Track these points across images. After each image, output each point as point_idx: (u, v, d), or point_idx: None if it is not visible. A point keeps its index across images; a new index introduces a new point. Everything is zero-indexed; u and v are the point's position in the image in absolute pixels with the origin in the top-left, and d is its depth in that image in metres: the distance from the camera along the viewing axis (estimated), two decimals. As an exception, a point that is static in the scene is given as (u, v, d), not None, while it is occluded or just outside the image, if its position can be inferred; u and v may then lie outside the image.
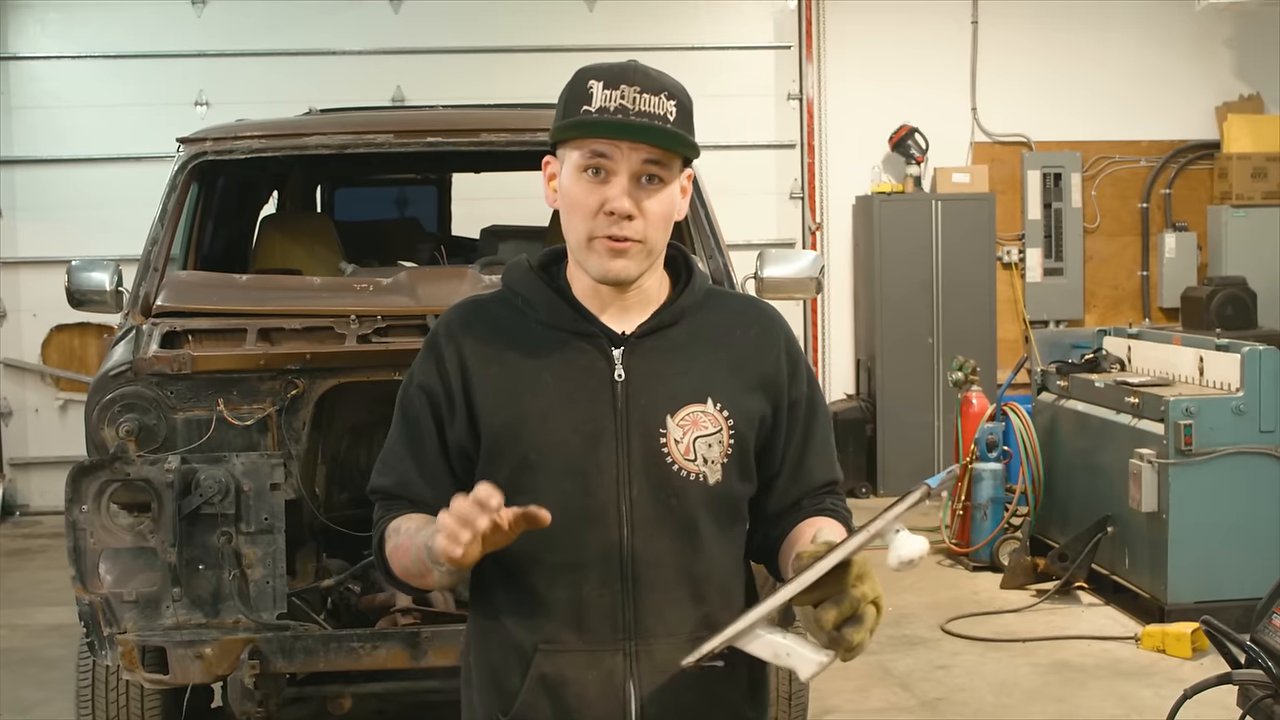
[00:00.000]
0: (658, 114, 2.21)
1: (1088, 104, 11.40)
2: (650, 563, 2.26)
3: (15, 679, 6.69)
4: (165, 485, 4.25)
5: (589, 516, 2.25)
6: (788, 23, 11.27)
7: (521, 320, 2.34)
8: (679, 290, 2.38)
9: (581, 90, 2.23)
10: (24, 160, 10.79)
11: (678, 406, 2.29)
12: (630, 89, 2.21)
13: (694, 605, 2.30)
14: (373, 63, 10.83)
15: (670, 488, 2.28)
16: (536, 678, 2.26)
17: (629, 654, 2.26)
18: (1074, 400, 8.08)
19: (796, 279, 5.50)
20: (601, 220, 2.23)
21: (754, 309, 2.47)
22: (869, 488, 10.77)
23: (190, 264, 5.61)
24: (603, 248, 2.24)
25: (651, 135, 2.20)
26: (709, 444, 2.29)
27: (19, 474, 10.89)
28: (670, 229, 2.30)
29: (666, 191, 2.25)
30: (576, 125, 2.22)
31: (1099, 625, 7.13)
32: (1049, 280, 11.52)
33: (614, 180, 2.22)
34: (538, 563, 2.27)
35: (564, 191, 2.28)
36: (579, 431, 2.25)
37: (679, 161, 2.27)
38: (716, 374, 2.33)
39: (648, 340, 2.32)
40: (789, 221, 11.32)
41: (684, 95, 2.27)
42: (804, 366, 2.44)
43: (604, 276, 2.27)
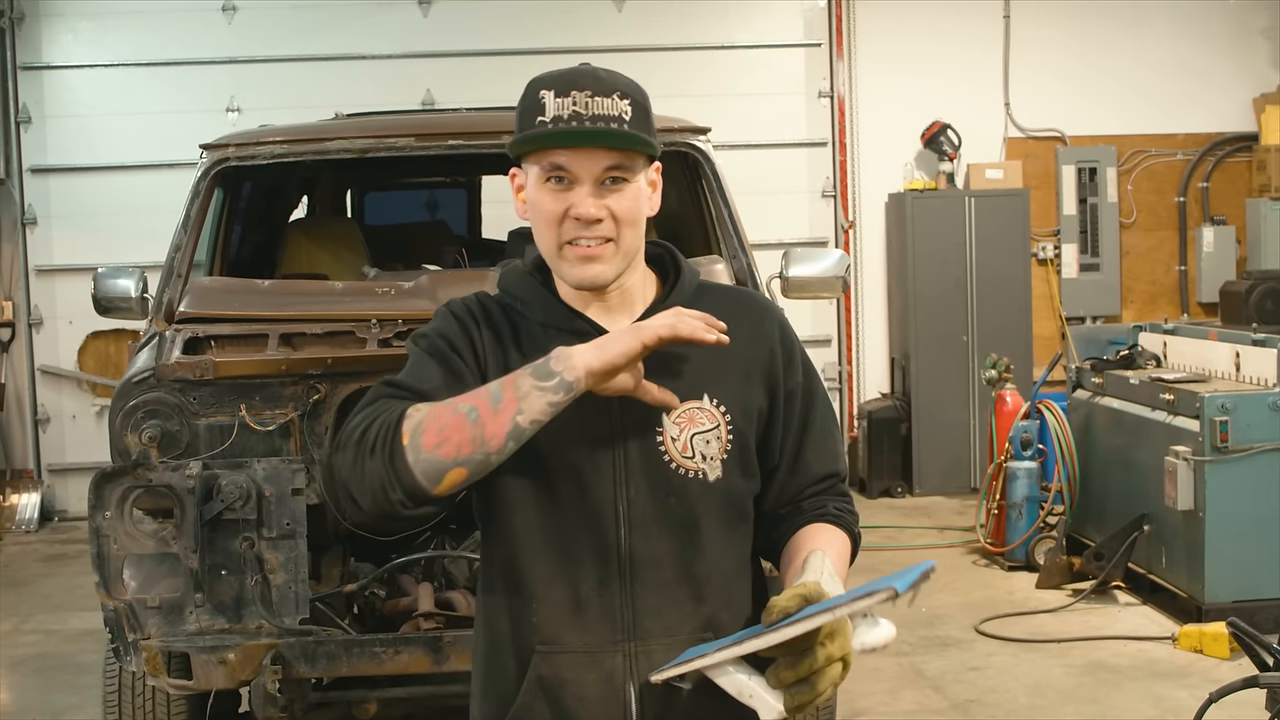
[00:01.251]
0: (612, 116, 2.19)
1: (1122, 97, 11.31)
2: (649, 563, 2.24)
3: (48, 684, 6.73)
4: (187, 491, 4.24)
5: (586, 516, 2.24)
6: (818, 20, 11.22)
7: (521, 321, 2.33)
8: (669, 289, 2.36)
9: (534, 101, 2.21)
10: (58, 168, 10.88)
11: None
12: (582, 94, 2.18)
13: (695, 605, 2.27)
14: (403, 66, 10.85)
15: (669, 486, 2.25)
16: (534, 679, 2.25)
17: (629, 655, 2.24)
18: (1109, 397, 7.99)
19: (822, 278, 5.46)
20: (569, 226, 2.21)
21: (746, 301, 2.44)
22: (904, 487, 10.71)
23: (216, 269, 5.62)
24: (574, 255, 2.23)
25: (607, 139, 2.19)
26: (707, 440, 2.27)
27: (56, 480, 10.97)
28: (642, 226, 2.28)
29: (631, 189, 2.23)
30: (533, 138, 2.21)
31: (1135, 625, 7.05)
32: (1085, 276, 11.42)
33: (577, 187, 2.20)
34: (537, 562, 2.25)
35: (530, 203, 2.27)
36: (574, 432, 2.22)
37: (642, 159, 2.26)
38: (711, 369, 2.30)
39: None
40: (821, 220, 11.27)
41: (638, 93, 2.24)
42: (799, 356, 2.41)
43: (580, 283, 2.26)
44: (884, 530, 9.51)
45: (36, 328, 10.98)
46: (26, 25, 10.87)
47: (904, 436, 10.77)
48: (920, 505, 10.36)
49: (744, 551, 2.36)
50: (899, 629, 6.06)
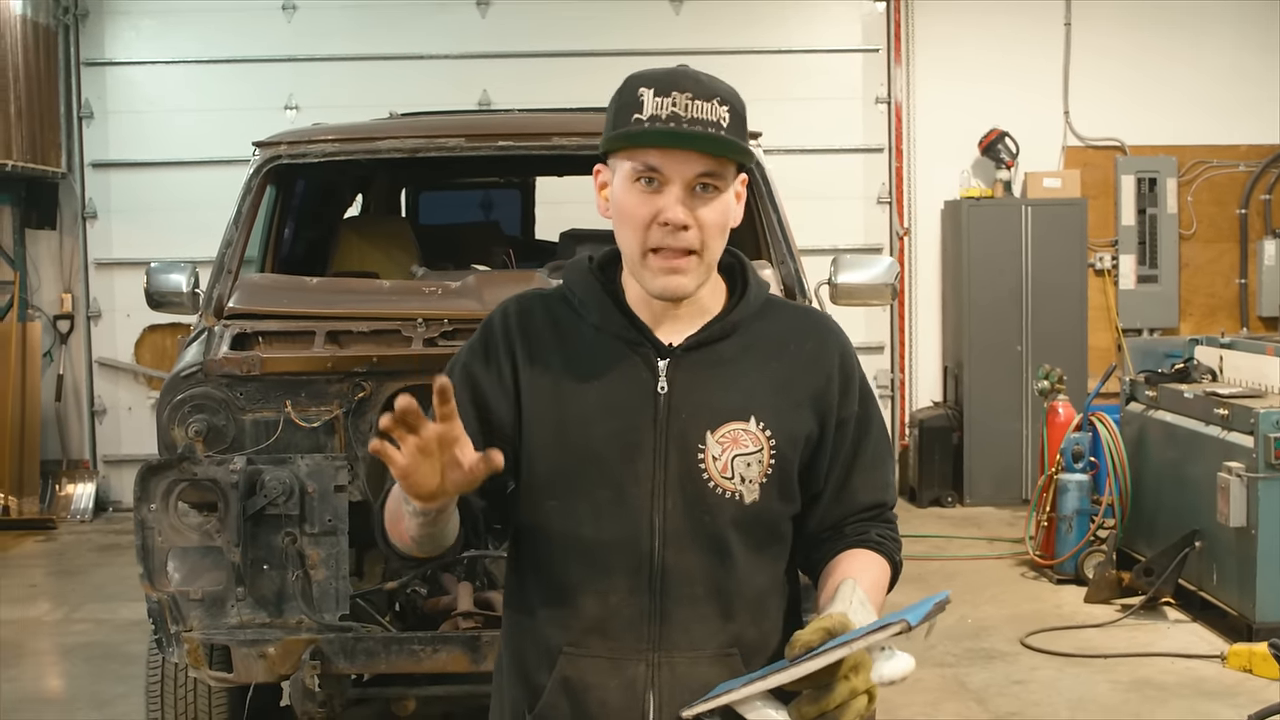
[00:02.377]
0: (710, 120, 2.14)
1: (1183, 107, 11.19)
2: (680, 577, 2.23)
3: (95, 673, 6.81)
4: (231, 485, 4.28)
5: (622, 526, 2.23)
6: (876, 25, 11.17)
7: (575, 321, 2.31)
8: (734, 301, 2.31)
9: (632, 98, 2.17)
10: (118, 163, 11.01)
11: (719, 423, 2.24)
12: (682, 96, 2.15)
13: (723, 622, 2.25)
14: (460, 66, 10.89)
15: (704, 504, 2.23)
16: (560, 679, 2.25)
17: (651, 664, 2.23)
18: (1162, 411, 7.91)
19: (871, 285, 5.43)
20: (656, 231, 2.17)
21: (810, 322, 2.39)
22: (955, 497, 10.64)
23: (268, 266, 5.67)
24: (658, 265, 2.19)
25: (705, 144, 2.14)
26: (748, 463, 2.24)
27: (112, 471, 11.09)
28: (726, 237, 2.24)
29: (721, 199, 2.19)
30: (628, 135, 2.16)
31: (1184, 642, 6.97)
32: (1143, 288, 11.31)
33: (668, 190, 2.16)
34: (570, 566, 2.25)
35: (616, 202, 2.23)
36: (618, 441, 2.22)
37: (733, 168, 2.21)
38: (762, 391, 2.27)
39: (695, 353, 2.27)
40: (876, 226, 11.21)
41: (736, 100, 2.20)
42: (857, 383, 2.35)
43: (662, 294, 2.22)
44: (933, 540, 9.45)
45: (95, 320, 11.11)
46: (90, 22, 11.01)
47: (955, 446, 10.70)
48: (970, 515, 10.29)
49: (776, 570, 2.33)
50: (942, 642, 6.04)
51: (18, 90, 10.12)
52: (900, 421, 11.25)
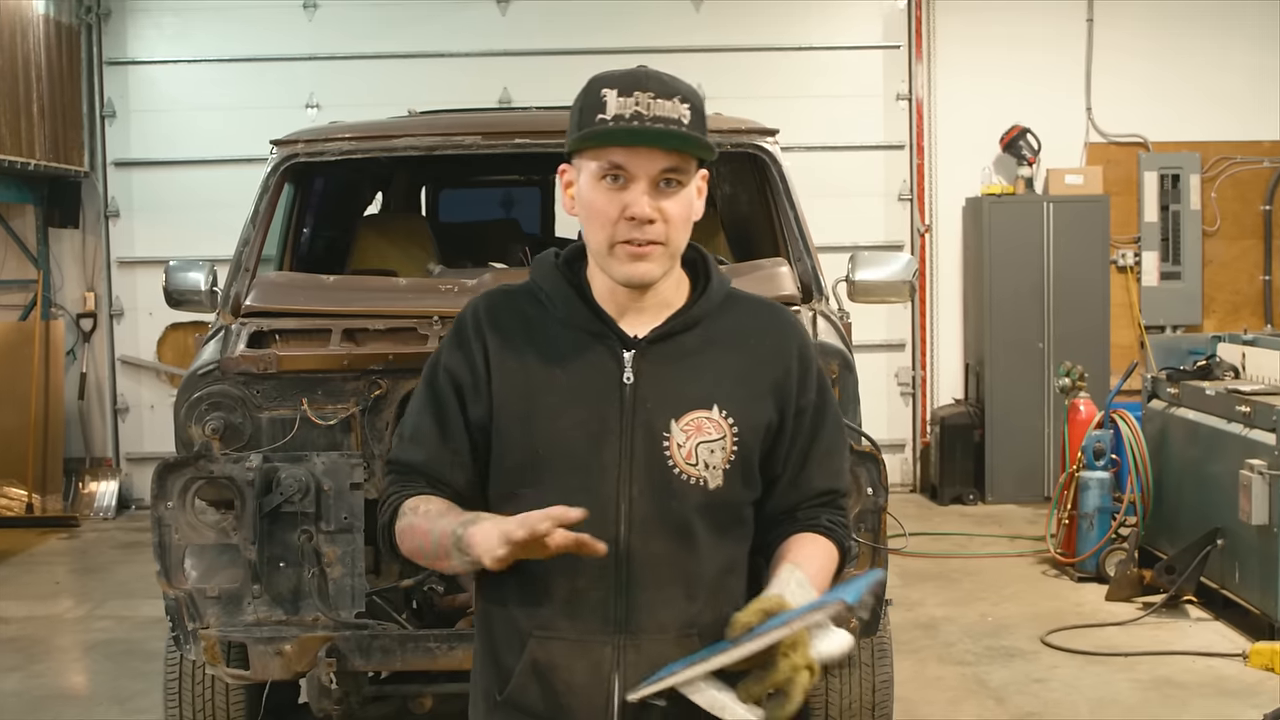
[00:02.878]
0: (672, 118, 2.24)
1: (1207, 103, 11.12)
2: (645, 561, 2.31)
3: (116, 670, 6.84)
4: (247, 483, 4.28)
5: (589, 512, 2.26)
6: (897, 22, 11.14)
7: (543, 315, 2.40)
8: (697, 295, 2.41)
9: (596, 99, 2.26)
10: (140, 162, 11.07)
11: (682, 412, 2.33)
12: (644, 95, 2.24)
13: (686, 604, 2.34)
14: (480, 64, 10.91)
15: (670, 490, 2.32)
16: (529, 662, 2.34)
17: (617, 646, 2.32)
18: (1184, 408, 7.86)
19: (889, 282, 5.41)
20: (623, 226, 2.27)
21: (771, 315, 2.49)
22: (976, 494, 10.61)
23: (286, 264, 5.68)
24: (624, 253, 2.29)
25: (668, 140, 2.24)
26: (711, 450, 2.33)
27: (134, 469, 11.13)
28: (689, 230, 2.34)
29: (685, 193, 2.30)
30: (594, 135, 2.25)
31: (1206, 641, 6.93)
32: (1166, 284, 11.25)
33: (633, 186, 2.26)
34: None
35: (583, 199, 2.32)
36: (585, 430, 2.31)
37: (695, 163, 2.31)
38: (725, 381, 2.36)
39: (659, 345, 2.36)
40: (897, 223, 11.19)
41: (696, 98, 2.29)
42: (815, 374, 2.46)
43: (628, 280, 2.31)
44: (954, 538, 9.42)
45: (117, 318, 11.17)
46: (112, 21, 11.06)
47: (976, 443, 10.66)
48: (991, 513, 10.26)
49: (737, 553, 2.42)
50: (961, 640, 6.04)
51: (40, 89, 10.17)
52: (921, 419, 11.22)
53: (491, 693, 2.41)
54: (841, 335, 4.83)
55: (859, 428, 4.52)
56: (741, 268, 4.91)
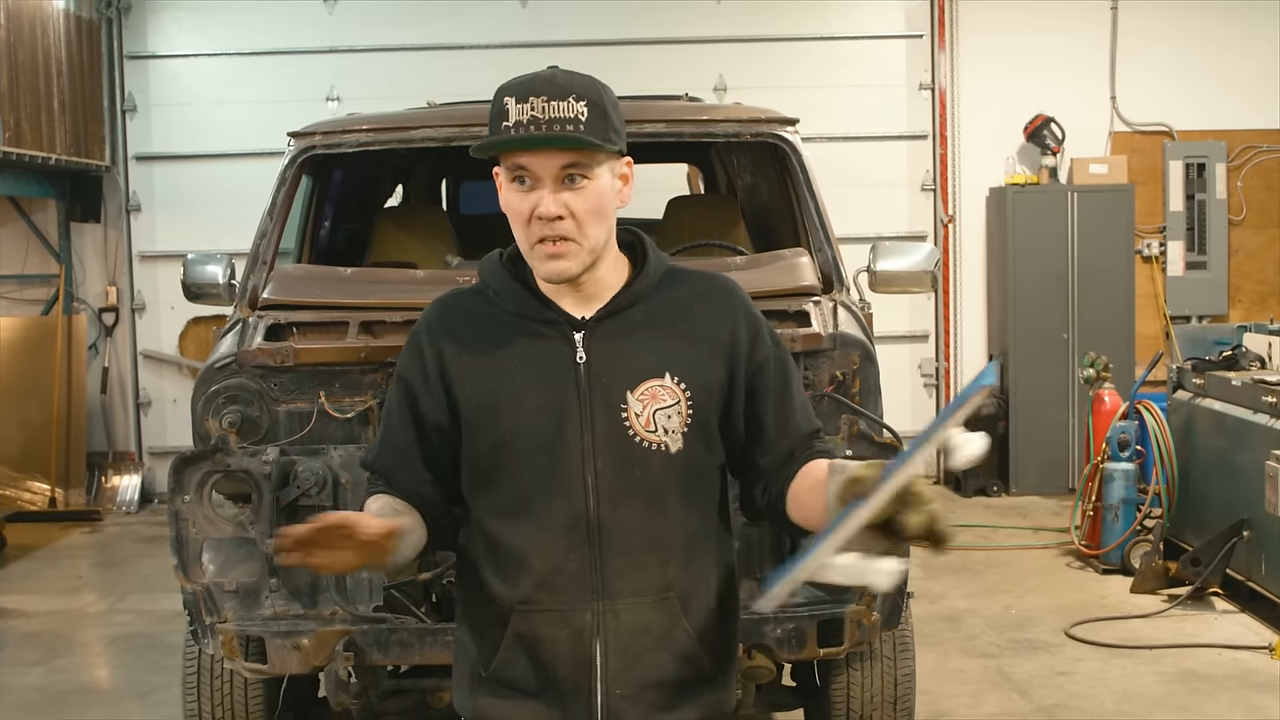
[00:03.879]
0: (568, 118, 2.35)
1: (1233, 91, 11.03)
2: (616, 529, 2.42)
3: (138, 664, 6.84)
4: (264, 477, 4.26)
5: (558, 488, 2.43)
6: (919, 10, 11.07)
7: (493, 311, 2.53)
8: (636, 273, 2.54)
9: (499, 108, 2.41)
10: (161, 156, 11.08)
11: (636, 382, 2.45)
12: (539, 100, 2.36)
13: (660, 568, 2.45)
14: (501, 57, 10.84)
15: (633, 459, 2.43)
16: (513, 635, 2.46)
17: (597, 613, 2.43)
18: (1210, 399, 7.79)
19: (911, 273, 5.35)
20: (535, 225, 2.39)
21: (710, 284, 2.60)
22: (1000, 486, 10.55)
23: (304, 257, 5.66)
24: (541, 252, 2.41)
25: (560, 142, 2.36)
26: (668, 415, 2.45)
27: (157, 463, 11.14)
28: (608, 220, 2.45)
29: (591, 187, 2.40)
30: (492, 145, 2.41)
31: (1232, 633, 6.87)
32: (1191, 274, 11.17)
33: (539, 187, 2.39)
34: (516, 530, 2.45)
35: (503, 201, 2.47)
36: (546, 411, 2.43)
37: (603, 156, 2.41)
38: (674, 349, 2.48)
39: (606, 323, 2.48)
40: (920, 214, 11.13)
41: (595, 93, 2.40)
42: (765, 330, 2.57)
43: (548, 277, 2.44)
44: (978, 530, 9.37)
45: (139, 312, 11.19)
46: (133, 15, 11.06)
47: (1001, 434, 10.59)
48: (1016, 505, 10.20)
49: (706, 517, 2.53)
50: (985, 632, 5.99)
51: (61, 84, 10.19)
52: (945, 411, 11.13)
53: (476, 670, 2.53)
54: (862, 325, 4.77)
55: (879, 419, 4.49)
56: (762, 258, 4.87)
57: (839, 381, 4.43)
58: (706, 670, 2.52)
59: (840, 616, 4.31)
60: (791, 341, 4.28)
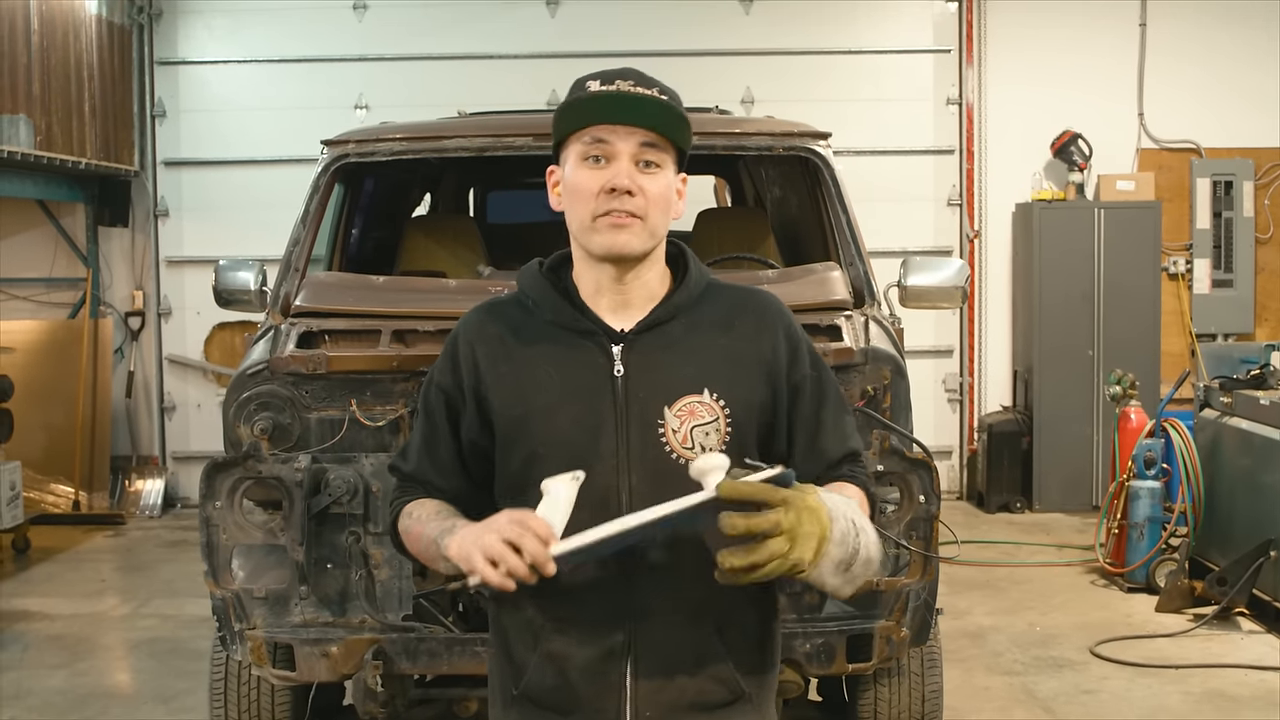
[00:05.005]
0: (653, 101, 2.37)
1: (1262, 109, 11.01)
2: (649, 547, 2.36)
3: (161, 668, 6.86)
4: (295, 484, 4.26)
5: (591, 502, 2.35)
6: (947, 25, 11.07)
7: (530, 320, 2.49)
8: (677, 284, 2.50)
9: (580, 89, 2.41)
10: (190, 162, 11.13)
11: (674, 398, 2.41)
12: (624, 83, 2.37)
13: (691, 586, 2.37)
14: (529, 66, 10.90)
15: (668, 476, 2.37)
16: (545, 653, 2.42)
17: (628, 632, 2.39)
18: (1238, 417, 7.76)
19: (941, 288, 5.34)
20: (603, 199, 2.36)
21: (751, 299, 2.56)
22: (1024, 503, 10.52)
23: (335, 264, 5.68)
24: (605, 224, 2.37)
25: (647, 106, 2.36)
26: (706, 432, 2.40)
27: (180, 467, 11.19)
28: (669, 216, 2.43)
29: (663, 177, 2.40)
30: (576, 106, 2.37)
31: (1258, 654, 6.84)
32: (1218, 292, 11.14)
33: (614, 163, 2.36)
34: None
35: (568, 184, 2.42)
36: (581, 424, 2.39)
37: (673, 154, 2.41)
38: (713, 365, 2.44)
39: (646, 336, 2.44)
40: (946, 229, 11.11)
41: (675, 95, 2.42)
42: (805, 349, 2.53)
43: (608, 250, 2.39)
44: (1001, 546, 9.34)
45: (165, 317, 11.23)
46: (164, 21, 11.12)
47: (1025, 451, 10.58)
48: (1039, 521, 10.17)
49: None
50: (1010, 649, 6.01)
51: (92, 89, 10.24)
52: (969, 425, 11.14)
53: (508, 688, 2.49)
54: (893, 340, 4.77)
55: (910, 434, 4.48)
56: (794, 272, 4.87)
57: (870, 396, 4.42)
58: (742, 692, 2.45)
59: (869, 632, 4.31)
60: (824, 355, 4.27)
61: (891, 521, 4.31)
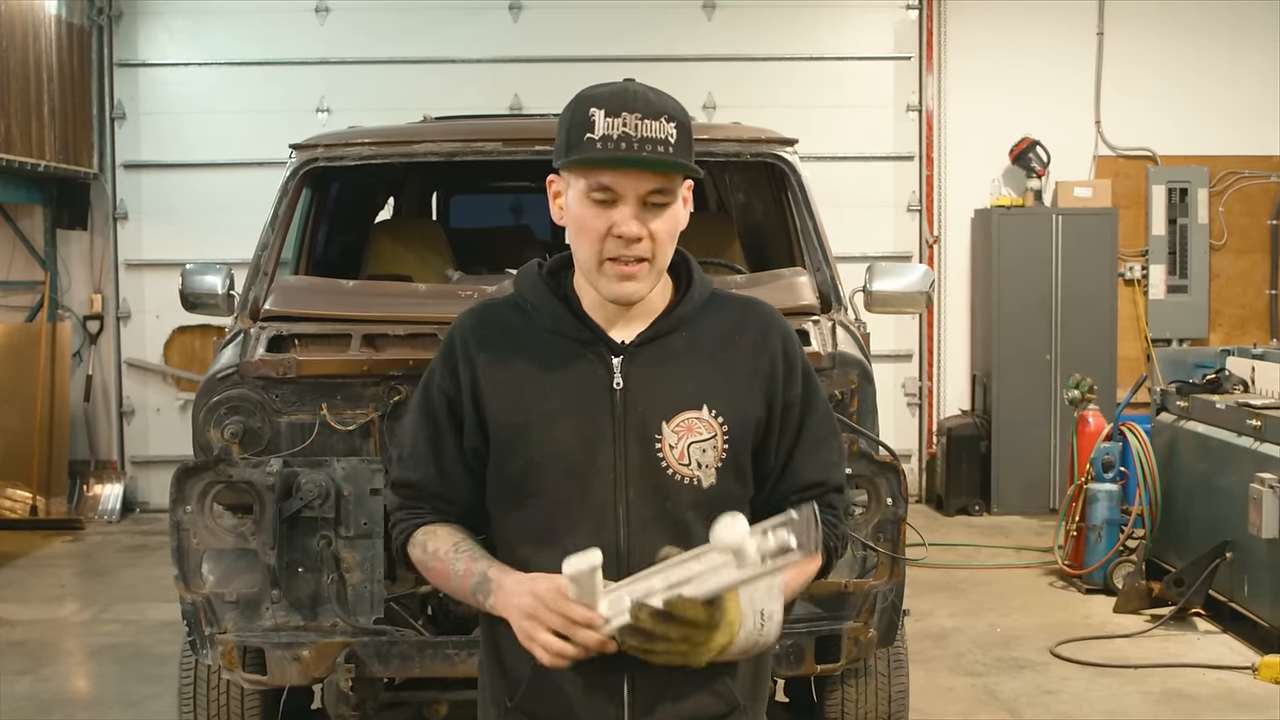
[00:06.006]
0: (660, 139, 2.28)
1: (1217, 117, 11.15)
2: (646, 560, 2.32)
3: (125, 674, 6.82)
4: (266, 488, 4.27)
5: (588, 516, 2.36)
6: (908, 33, 11.15)
7: (529, 325, 2.45)
8: (680, 297, 2.47)
9: (584, 118, 2.29)
10: (150, 164, 11.07)
11: (673, 413, 2.39)
12: (631, 116, 2.27)
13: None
14: (492, 71, 10.91)
15: (664, 491, 2.37)
16: (540, 666, 2.34)
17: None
18: (1194, 421, 7.86)
19: (906, 293, 5.40)
20: (611, 243, 2.32)
21: (752, 313, 2.52)
22: (982, 505, 10.62)
23: (302, 269, 5.67)
24: (613, 271, 2.34)
25: (655, 165, 2.28)
26: (703, 449, 2.39)
27: (139, 472, 11.14)
28: (675, 242, 2.40)
29: (671, 211, 2.35)
30: (582, 154, 2.28)
31: (1215, 654, 6.93)
32: (1173, 298, 11.28)
33: (621, 205, 2.31)
34: (542, 557, 2.36)
35: (572, 215, 2.37)
36: (580, 436, 2.36)
37: (681, 179, 2.36)
38: (713, 380, 2.42)
39: (646, 349, 2.41)
40: (906, 234, 11.20)
41: (683, 115, 2.34)
42: (800, 368, 2.50)
43: (616, 299, 2.37)
44: (960, 549, 9.42)
45: (124, 321, 11.16)
46: (124, 23, 11.06)
47: (983, 454, 10.67)
48: (998, 524, 10.26)
49: None
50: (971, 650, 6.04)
51: (51, 91, 10.17)
52: (928, 429, 11.22)
53: (501, 699, 2.46)
54: (860, 345, 4.82)
55: (877, 438, 4.53)
56: (761, 277, 4.91)
57: (838, 400, 4.47)
58: (738, 704, 2.44)
59: (838, 633, 4.36)
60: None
61: (859, 524, 4.36)
